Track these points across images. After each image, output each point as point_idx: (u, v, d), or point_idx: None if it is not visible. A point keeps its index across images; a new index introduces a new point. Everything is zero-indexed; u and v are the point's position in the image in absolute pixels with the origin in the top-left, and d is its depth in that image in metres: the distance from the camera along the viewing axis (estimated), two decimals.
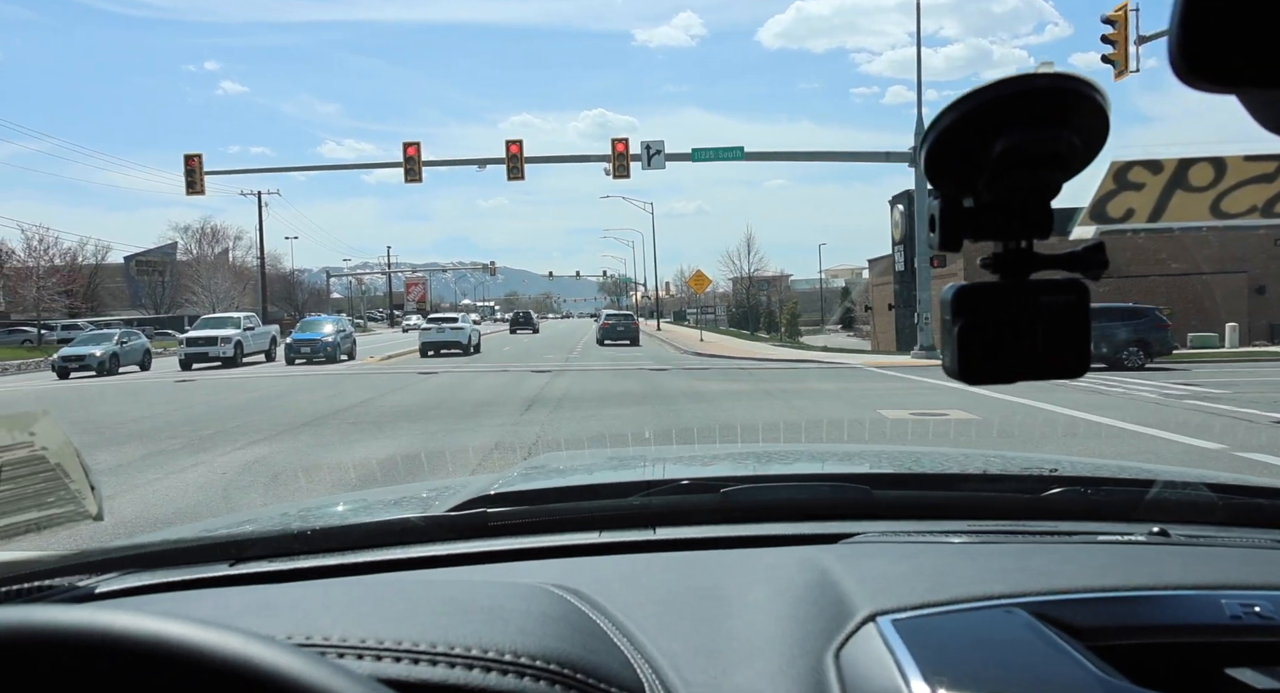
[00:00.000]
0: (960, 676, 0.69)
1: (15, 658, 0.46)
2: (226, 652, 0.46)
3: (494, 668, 0.65)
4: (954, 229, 0.72)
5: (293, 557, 1.15)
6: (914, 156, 25.47)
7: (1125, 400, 12.44)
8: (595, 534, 1.20)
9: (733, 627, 0.85)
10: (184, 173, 27.50)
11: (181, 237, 69.38)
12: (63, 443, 0.96)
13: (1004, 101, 0.66)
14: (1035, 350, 0.72)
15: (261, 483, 7.32)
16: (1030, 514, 1.24)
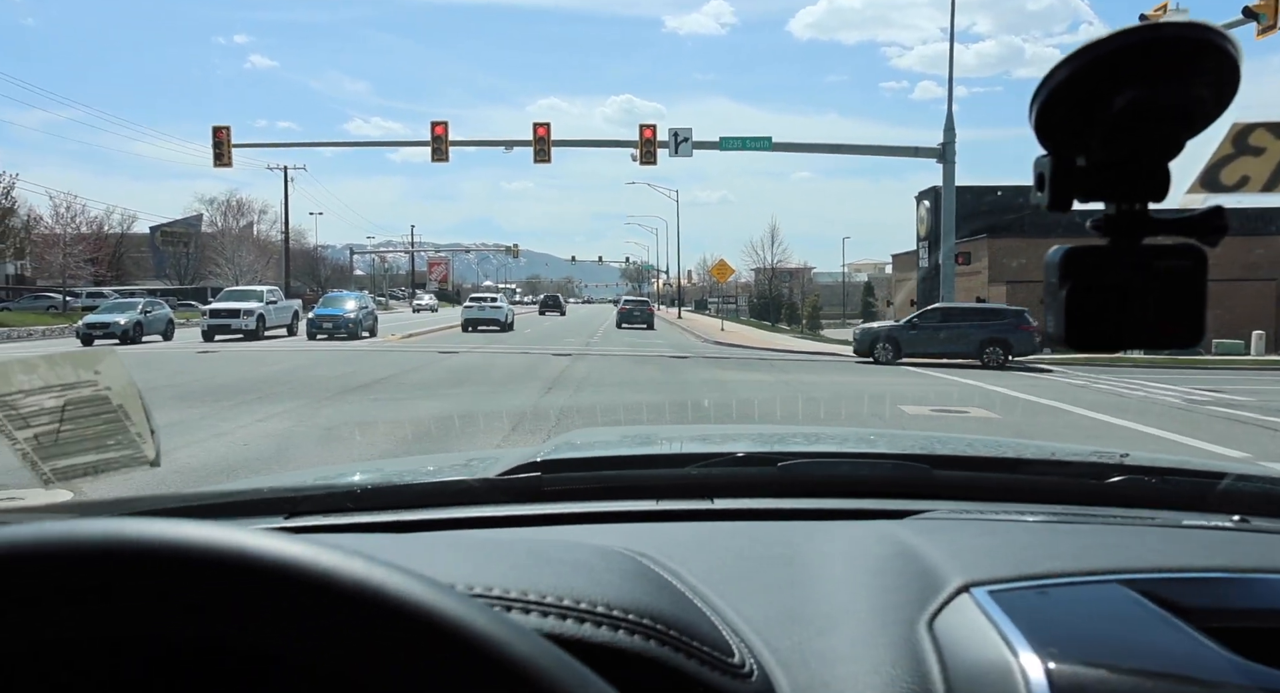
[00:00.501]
0: (1071, 648, 0.67)
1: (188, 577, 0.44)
2: (412, 597, 0.44)
3: (587, 619, 0.63)
4: (1064, 189, 0.69)
5: (346, 513, 1.14)
6: (943, 152, 25.23)
7: (1147, 405, 12.30)
8: (652, 502, 1.18)
9: (812, 595, 0.82)
10: (212, 145, 27.63)
11: (207, 209, 69.93)
12: (126, 384, 0.94)
13: (1127, 53, 0.63)
14: (1146, 318, 0.69)
15: (284, 453, 7.36)
16: (1098, 500, 1.20)
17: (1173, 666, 0.66)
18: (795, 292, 65.02)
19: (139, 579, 0.45)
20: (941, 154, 25.31)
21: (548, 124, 26.94)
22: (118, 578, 0.45)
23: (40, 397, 0.90)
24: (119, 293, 42.67)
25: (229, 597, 0.45)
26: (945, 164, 25.24)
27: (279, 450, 7.45)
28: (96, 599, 0.45)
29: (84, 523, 0.46)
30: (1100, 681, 0.64)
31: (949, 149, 25.17)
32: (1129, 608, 0.75)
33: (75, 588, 0.45)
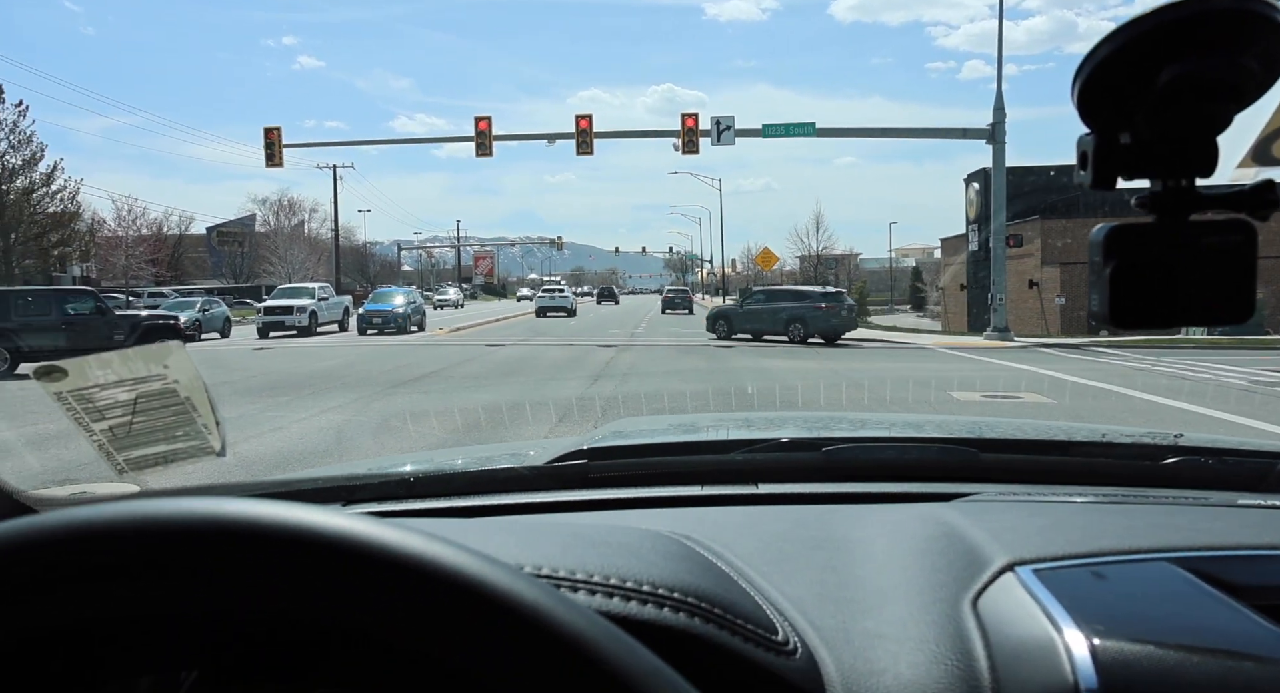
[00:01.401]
0: (1116, 625, 0.67)
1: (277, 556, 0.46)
2: (481, 576, 0.46)
3: (634, 597, 0.64)
4: (1108, 167, 0.68)
5: (400, 500, 1.17)
6: (992, 133, 24.72)
7: (1209, 387, 11.96)
8: (697, 488, 1.20)
9: (856, 576, 0.83)
10: (264, 145, 28.19)
11: (260, 208, 71.37)
12: (193, 377, 0.99)
13: (1174, 27, 0.62)
14: (1194, 295, 0.68)
15: (341, 444, 7.52)
16: (1152, 481, 1.19)
17: (1222, 642, 0.65)
18: (841, 278, 64.34)
19: (249, 557, 0.47)
20: (991, 135, 24.80)
21: (590, 116, 26.99)
22: (233, 555, 0.47)
23: (114, 390, 0.95)
24: (178, 292, 43.85)
25: (332, 577, 0.46)
26: (995, 145, 24.73)
27: (335, 443, 7.61)
28: (214, 575, 0.47)
29: (211, 502, 0.48)
30: (1147, 656, 0.64)
31: (998, 129, 24.66)
32: (1177, 586, 0.74)
33: (189, 562, 0.47)
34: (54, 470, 6.36)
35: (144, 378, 0.96)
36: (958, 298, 36.32)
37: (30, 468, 6.60)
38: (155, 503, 0.48)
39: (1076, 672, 0.63)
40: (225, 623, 0.61)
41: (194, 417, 1.00)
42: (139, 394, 0.96)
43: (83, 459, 6.44)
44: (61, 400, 0.94)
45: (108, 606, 0.47)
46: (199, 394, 1.00)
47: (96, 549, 0.47)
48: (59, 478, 6.00)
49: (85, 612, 0.47)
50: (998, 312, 23.85)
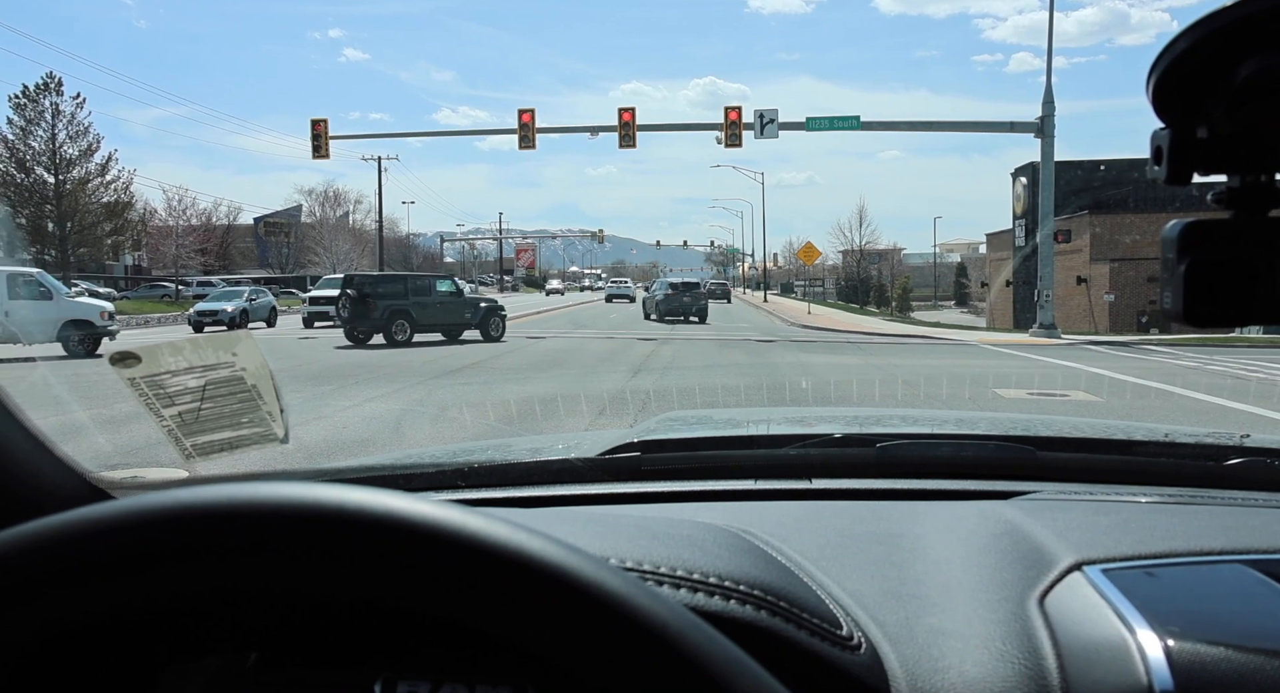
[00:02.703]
0: (1191, 627, 0.66)
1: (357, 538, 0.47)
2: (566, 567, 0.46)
3: (700, 589, 0.65)
4: (1185, 162, 0.67)
5: (455, 490, 1.19)
6: (1041, 126, 24.26)
7: (1269, 388, 11.65)
8: (750, 482, 1.20)
9: (917, 572, 0.83)
10: (310, 137, 28.60)
11: (306, 199, 72.52)
12: (260, 365, 1.01)
13: (1255, 20, 0.61)
14: (1272, 293, 0.67)
15: (388, 432, 7.63)
16: (1216, 483, 1.16)
17: None
18: (884, 274, 63.66)
19: (344, 543, 0.48)
20: (1040, 128, 24.34)
21: (632, 109, 26.96)
22: (326, 539, 0.48)
23: (184, 377, 0.98)
24: (226, 282, 44.72)
25: (423, 564, 0.47)
26: (1044, 139, 24.26)
27: (384, 430, 7.72)
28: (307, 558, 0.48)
29: (303, 487, 0.50)
30: (1223, 659, 0.62)
31: (1048, 123, 24.18)
32: (1253, 589, 0.73)
33: (287, 545, 0.48)
34: (108, 455, 6.54)
35: (213, 365, 0.99)
36: (1003, 294, 35.77)
37: (102, 449, 6.79)
38: (251, 487, 0.49)
39: (1151, 673, 0.62)
40: (297, 607, 0.63)
41: (259, 404, 1.03)
42: (208, 381, 0.99)
43: (136, 443, 6.62)
44: (134, 386, 0.96)
45: (198, 585, 0.48)
46: (265, 382, 1.02)
47: (194, 531, 0.47)
48: (112, 462, 6.17)
49: (175, 591, 0.48)
50: (1044, 308, 23.43)
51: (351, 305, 19.84)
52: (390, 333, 19.77)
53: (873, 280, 61.34)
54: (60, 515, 0.49)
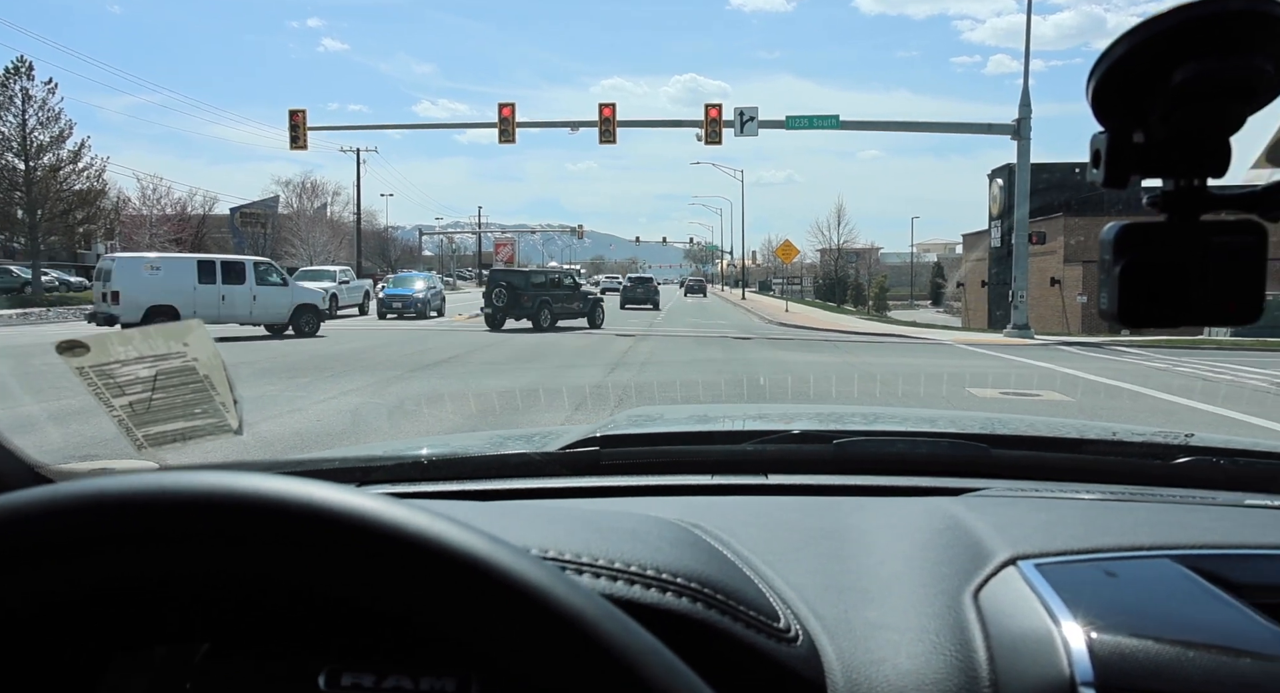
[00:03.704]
0: (1114, 620, 0.67)
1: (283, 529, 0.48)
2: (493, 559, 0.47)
3: (638, 581, 0.65)
4: (1122, 165, 0.68)
5: (414, 482, 1.19)
6: (1017, 128, 24.48)
7: (1234, 389, 11.83)
8: (707, 477, 1.21)
9: (859, 566, 0.84)
10: (288, 128, 28.34)
11: (283, 190, 71.77)
12: (212, 355, 1.00)
13: (1190, 27, 0.62)
14: (1204, 294, 0.68)
15: (357, 426, 7.58)
16: (1161, 481, 1.19)
17: (1219, 638, 0.66)
18: (862, 272, 64.08)
19: (257, 529, 0.48)
20: (1016, 130, 24.55)
21: (613, 105, 26.92)
22: (240, 526, 0.48)
23: (135, 366, 0.97)
24: None
25: (339, 552, 0.48)
26: (1020, 140, 24.48)
27: (352, 425, 7.67)
28: (222, 544, 0.48)
29: (226, 476, 0.50)
30: (1143, 651, 0.64)
31: (1024, 125, 24.40)
32: (1177, 583, 0.75)
33: (202, 532, 0.48)
34: (76, 446, 6.46)
35: (164, 355, 0.98)
36: (978, 294, 36.10)
37: (53, 443, 6.70)
38: (173, 476, 0.50)
39: (1073, 664, 0.64)
40: (235, 596, 0.63)
41: (212, 395, 1.02)
42: (159, 371, 0.98)
43: (104, 435, 6.54)
44: (84, 376, 0.96)
45: (123, 572, 0.49)
46: (217, 373, 1.01)
47: (114, 518, 0.48)
48: (80, 454, 6.09)
49: (101, 579, 0.49)
50: (1018, 308, 23.66)
51: (508, 296, 23.17)
52: (539, 320, 23.14)
53: (850, 279, 61.64)
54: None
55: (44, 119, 39.72)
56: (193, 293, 19.43)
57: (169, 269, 19.68)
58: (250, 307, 20.04)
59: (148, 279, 19.14)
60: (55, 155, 40.12)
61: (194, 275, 19.71)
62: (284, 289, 20.69)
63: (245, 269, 20.51)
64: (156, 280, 19.23)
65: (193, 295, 19.35)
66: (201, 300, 19.30)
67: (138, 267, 19.37)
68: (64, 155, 40.42)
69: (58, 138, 40.18)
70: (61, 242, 45.76)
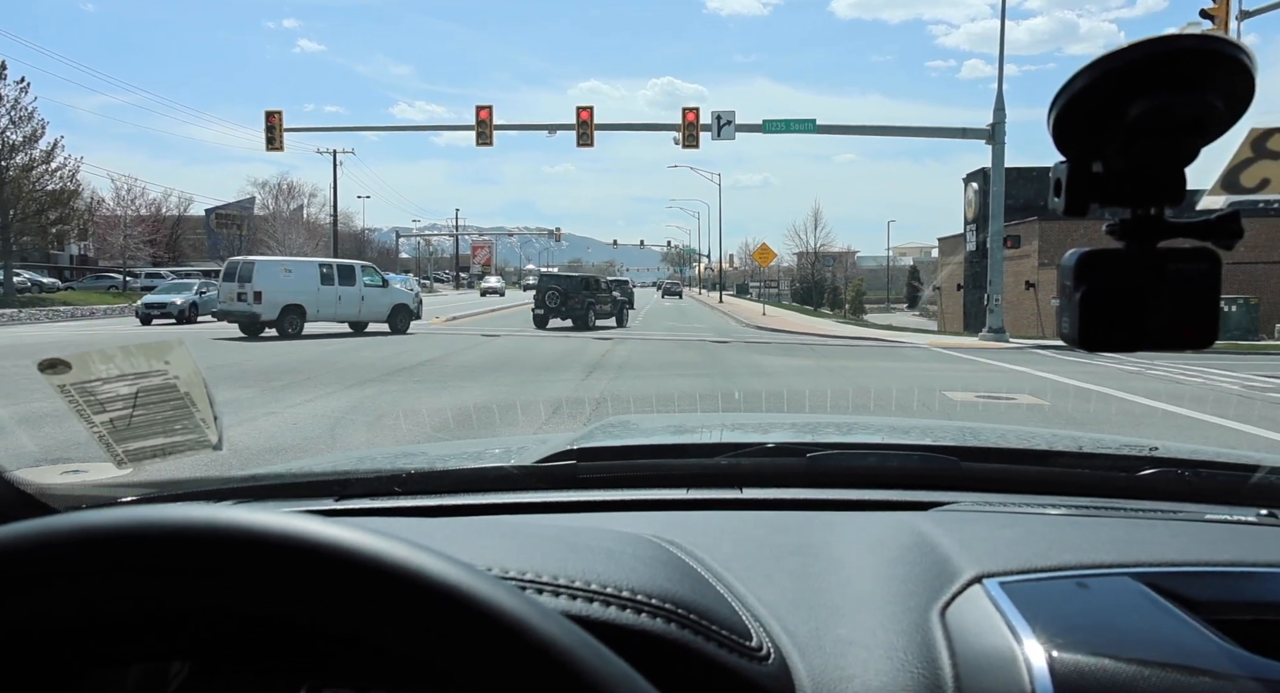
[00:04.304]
0: (1075, 638, 0.70)
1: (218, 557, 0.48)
2: (445, 579, 0.47)
3: (612, 602, 0.67)
4: (1081, 195, 0.71)
5: (391, 497, 1.20)
6: (992, 133, 24.72)
7: (1204, 391, 12.01)
8: (682, 491, 1.22)
9: (830, 583, 0.86)
10: (265, 129, 28.09)
11: (259, 192, 71.16)
12: (193, 373, 1.01)
13: (1145, 63, 0.65)
14: (1161, 320, 0.71)
15: (332, 432, 7.54)
16: (1127, 493, 1.22)
17: (1173, 656, 0.68)
18: (838, 276, 64.40)
19: (200, 558, 0.49)
20: (990, 135, 24.79)
21: (590, 108, 26.92)
22: (184, 557, 0.49)
23: (115, 384, 0.98)
24: (176, 274, 43.79)
25: (291, 576, 0.48)
26: (994, 145, 24.72)
27: (327, 432, 7.63)
28: (176, 575, 0.49)
29: (174, 508, 0.51)
30: (1100, 669, 0.67)
31: (998, 130, 24.65)
32: (1136, 601, 0.77)
33: (157, 565, 0.49)
34: (47, 449, 6.38)
35: (145, 373, 0.99)
36: (954, 298, 36.38)
37: (24, 448, 6.61)
38: (146, 510, 0.51)
39: (1034, 682, 0.66)
40: (206, 620, 0.64)
41: (192, 411, 1.03)
42: (140, 388, 0.99)
43: (77, 439, 6.46)
44: (64, 393, 0.96)
45: (98, 603, 0.49)
46: (198, 389, 1.02)
47: (91, 552, 0.49)
48: (53, 457, 6.02)
49: (72, 609, 0.49)
50: (994, 312, 23.89)
51: (561, 298, 25.50)
52: (586, 320, 25.43)
53: (827, 283, 61.96)
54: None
55: (16, 119, 39.15)
56: (316, 293, 21.27)
57: (298, 272, 21.47)
58: (359, 306, 22.09)
59: (283, 280, 20.78)
60: (28, 155, 39.54)
61: (317, 278, 21.53)
62: (385, 290, 22.85)
63: (355, 272, 22.56)
64: (289, 282, 20.90)
65: (316, 295, 21.23)
66: (323, 300, 21.32)
67: (275, 269, 21.12)
68: (37, 155, 39.84)
69: (30, 137, 39.59)
70: (34, 242, 45.10)
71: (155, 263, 52.11)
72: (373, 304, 22.37)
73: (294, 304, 20.68)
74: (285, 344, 18.50)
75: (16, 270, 40.68)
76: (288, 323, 20.61)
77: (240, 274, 20.65)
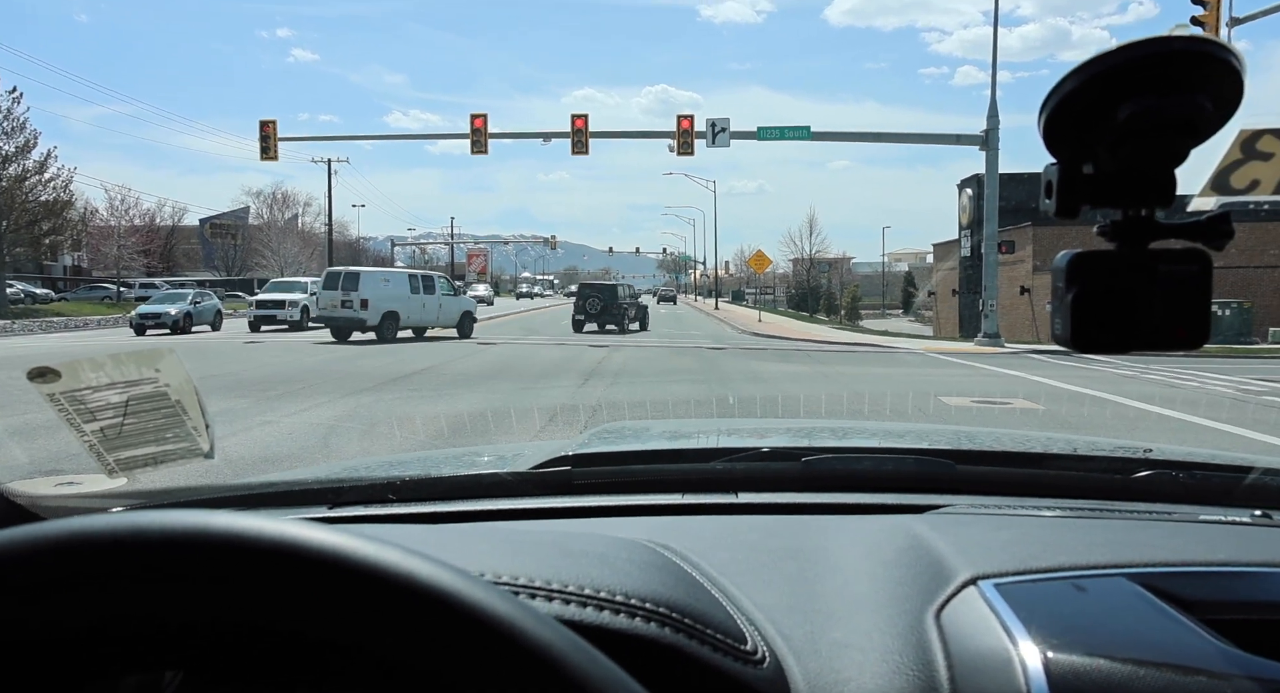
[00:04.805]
0: (1070, 639, 0.70)
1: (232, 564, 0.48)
2: (438, 584, 0.47)
3: (606, 607, 0.67)
4: (1072, 196, 0.71)
5: (385, 504, 1.19)
6: (986, 139, 24.81)
7: (1199, 394, 12.04)
8: (678, 496, 1.22)
9: (825, 586, 0.86)
10: (259, 138, 28.10)
11: (253, 201, 71.13)
12: (184, 381, 1.01)
13: (1135, 65, 0.65)
14: (1152, 321, 0.71)
15: (328, 442, 7.52)
16: (1122, 495, 1.22)
17: (1167, 656, 0.68)
18: (834, 282, 64.51)
19: (192, 566, 0.49)
20: (984, 141, 24.89)
21: (586, 116, 26.97)
22: (177, 564, 0.49)
23: (106, 392, 0.97)
24: (170, 284, 43.67)
25: (283, 581, 0.48)
26: (988, 151, 24.81)
27: (322, 441, 7.61)
28: (166, 582, 0.49)
29: (167, 514, 0.51)
30: (1095, 669, 0.66)
31: (992, 136, 24.75)
32: (1130, 601, 0.77)
33: (142, 573, 0.49)
34: (42, 461, 6.35)
35: (135, 381, 0.98)
36: (949, 303, 36.47)
37: (16, 460, 6.58)
38: (135, 516, 0.50)
39: (1030, 683, 0.66)
40: (197, 627, 0.63)
41: (184, 419, 1.02)
42: (130, 397, 0.98)
43: (70, 451, 6.43)
44: (54, 401, 0.96)
45: (93, 612, 0.49)
46: (189, 398, 1.02)
47: (82, 559, 0.48)
48: (46, 469, 5.99)
49: (67, 618, 0.49)
50: (989, 317, 23.94)
51: (603, 306, 28.67)
52: (623, 325, 28.77)
53: (823, 289, 62.10)
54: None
55: (9, 129, 39.09)
56: (407, 301, 23.34)
57: (394, 281, 23.74)
58: (438, 313, 24.47)
59: (383, 289, 22.86)
60: (21, 166, 39.46)
61: (408, 286, 23.73)
62: (457, 298, 25.67)
63: (435, 282, 25.16)
64: (388, 290, 23.00)
65: (407, 303, 23.30)
66: (411, 307, 23.39)
67: (377, 279, 23.22)
68: (30, 166, 39.77)
69: (23, 148, 39.53)
70: (27, 253, 44.99)
71: (149, 273, 52.00)
72: (447, 311, 24.69)
73: (391, 311, 22.64)
74: (388, 347, 19.85)
75: (10, 281, 40.58)
76: (386, 328, 22.46)
77: (344, 283, 22.48)
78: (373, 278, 23.16)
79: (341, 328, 22.37)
